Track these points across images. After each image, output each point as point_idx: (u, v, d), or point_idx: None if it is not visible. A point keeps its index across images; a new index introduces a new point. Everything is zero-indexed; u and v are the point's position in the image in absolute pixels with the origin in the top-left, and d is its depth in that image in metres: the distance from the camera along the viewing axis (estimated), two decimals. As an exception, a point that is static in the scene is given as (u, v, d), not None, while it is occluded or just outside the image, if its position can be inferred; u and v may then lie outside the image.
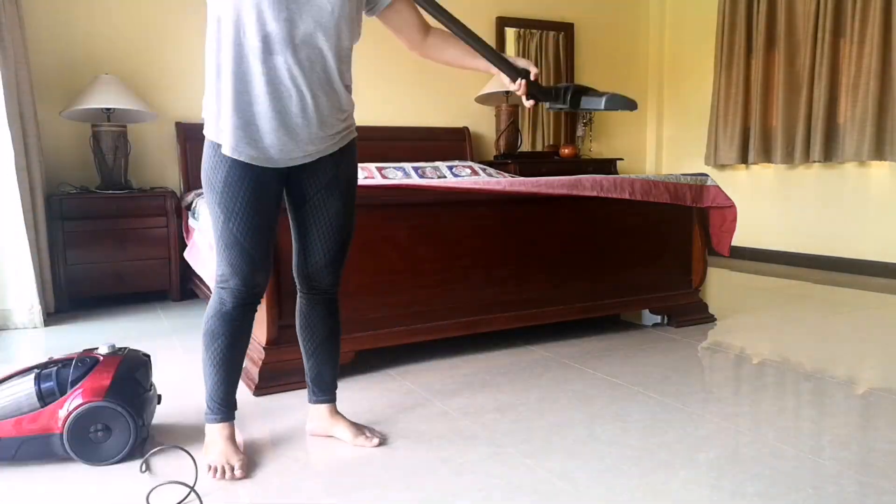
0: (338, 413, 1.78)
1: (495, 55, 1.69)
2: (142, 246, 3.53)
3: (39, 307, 3.10)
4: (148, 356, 1.79)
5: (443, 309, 2.41)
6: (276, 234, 1.64)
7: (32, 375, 1.63)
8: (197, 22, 3.98)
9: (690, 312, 2.94)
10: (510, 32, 4.93)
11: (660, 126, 5.62)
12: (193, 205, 3.48)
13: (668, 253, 2.90)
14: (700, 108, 5.23)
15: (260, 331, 2.16)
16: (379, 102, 4.52)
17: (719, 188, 2.85)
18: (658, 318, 2.98)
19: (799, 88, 4.43)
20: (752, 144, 4.72)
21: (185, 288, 3.68)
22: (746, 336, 2.76)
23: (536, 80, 1.74)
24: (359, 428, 1.74)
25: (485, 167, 3.93)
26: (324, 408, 1.77)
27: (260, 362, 2.11)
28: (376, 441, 1.71)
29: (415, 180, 3.28)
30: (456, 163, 3.91)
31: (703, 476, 1.50)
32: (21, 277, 3.04)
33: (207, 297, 3.18)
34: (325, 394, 1.77)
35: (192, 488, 1.42)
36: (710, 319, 2.98)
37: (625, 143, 5.52)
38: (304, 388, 2.11)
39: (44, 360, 1.73)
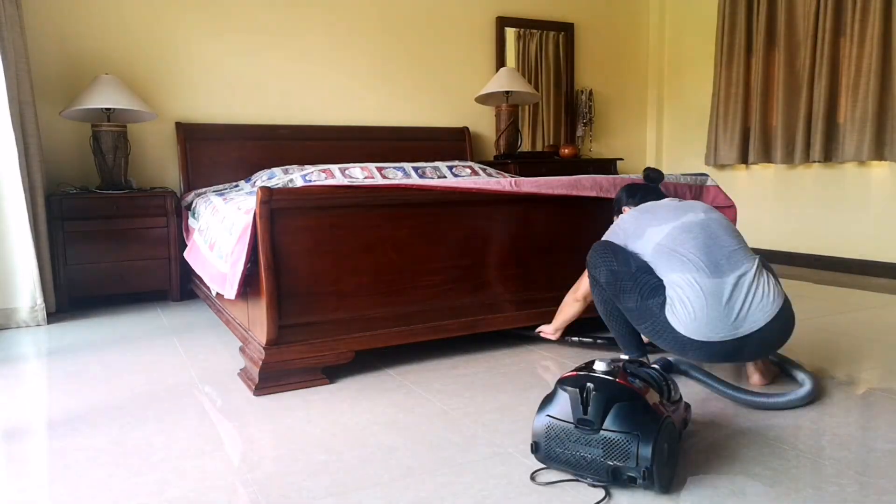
0: None
1: None
2: (142, 246, 3.53)
3: (43, 305, 3.11)
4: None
5: (443, 309, 2.41)
6: None
7: None
8: (197, 22, 3.98)
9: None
10: (510, 32, 4.93)
11: (660, 126, 5.62)
12: (193, 205, 3.48)
13: (668, 253, 2.89)
14: (700, 108, 5.23)
15: (260, 331, 2.17)
16: (379, 102, 4.52)
17: (719, 188, 2.85)
18: (658, 318, 2.97)
19: (799, 88, 4.43)
20: (752, 144, 4.73)
21: (185, 288, 3.68)
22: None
23: None
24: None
25: (485, 167, 3.93)
26: None
27: (260, 362, 2.11)
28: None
29: (415, 180, 3.28)
30: (456, 163, 3.91)
31: (702, 476, 1.50)
32: (25, 276, 3.05)
33: (207, 297, 3.19)
34: None
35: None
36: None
37: (625, 143, 5.53)
38: (305, 387, 2.14)
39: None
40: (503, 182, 2.49)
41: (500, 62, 4.87)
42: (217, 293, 2.53)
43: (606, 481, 1.41)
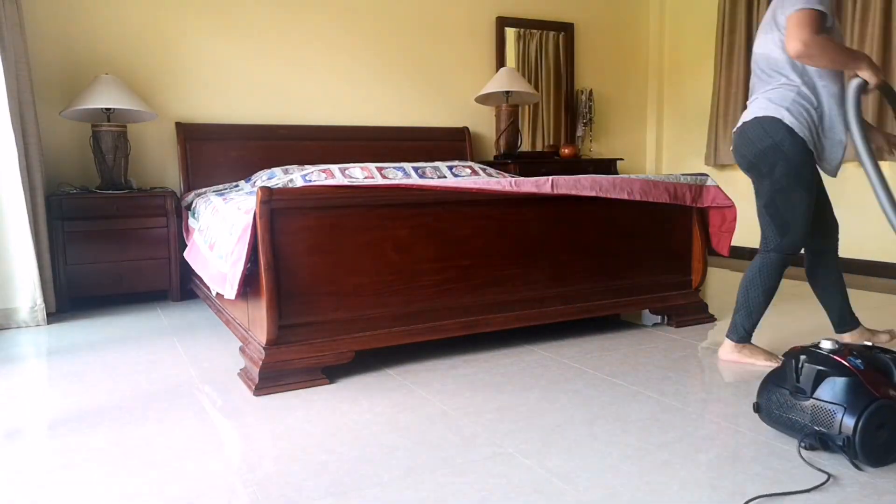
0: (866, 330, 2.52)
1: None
2: (142, 246, 3.53)
3: (43, 305, 3.11)
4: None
5: (443, 309, 2.41)
6: None
7: None
8: (197, 22, 3.98)
9: (690, 312, 2.94)
10: (510, 32, 4.93)
11: (660, 126, 5.62)
12: (193, 205, 3.48)
13: (668, 253, 2.90)
14: (700, 108, 5.23)
15: (260, 331, 2.17)
16: (379, 102, 4.52)
17: (719, 188, 2.86)
18: (658, 318, 2.98)
19: (799, 88, 4.43)
20: (752, 144, 4.72)
21: (185, 288, 3.68)
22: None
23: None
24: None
25: (485, 167, 3.93)
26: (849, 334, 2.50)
27: (260, 362, 2.12)
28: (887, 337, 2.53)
29: (415, 180, 3.28)
30: (456, 163, 3.91)
31: (703, 476, 1.50)
32: (25, 276, 3.05)
33: (207, 297, 3.19)
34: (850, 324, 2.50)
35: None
36: (710, 319, 2.98)
37: (625, 143, 5.53)
38: (305, 387, 2.14)
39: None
40: (503, 182, 2.49)
41: (500, 62, 4.87)
42: (217, 293, 2.53)
43: (815, 444, 1.57)
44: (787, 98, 2.19)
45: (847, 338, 2.50)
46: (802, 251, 2.38)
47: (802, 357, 1.60)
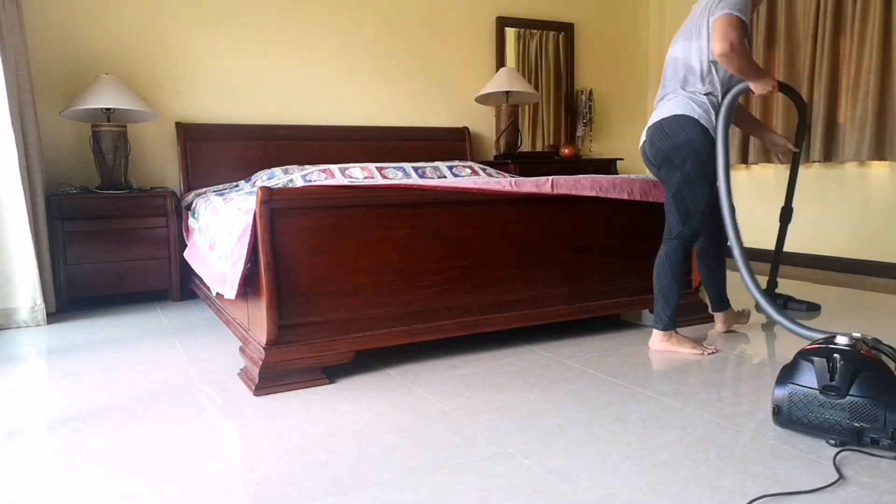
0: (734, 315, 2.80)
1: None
2: (142, 246, 3.53)
3: (43, 305, 3.11)
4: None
5: (443, 309, 2.41)
6: None
7: None
8: (197, 22, 3.98)
9: (690, 312, 2.94)
10: (510, 32, 4.93)
11: (660, 126, 5.62)
12: (193, 205, 3.48)
13: (668, 253, 2.90)
14: (700, 108, 5.23)
15: (260, 331, 2.17)
16: (379, 102, 4.52)
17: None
18: (658, 318, 2.97)
19: (799, 88, 4.43)
20: (753, 144, 4.73)
21: (185, 288, 3.68)
22: (746, 336, 2.76)
23: None
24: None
25: (485, 167, 3.93)
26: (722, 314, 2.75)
27: (260, 362, 2.12)
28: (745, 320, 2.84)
29: (415, 180, 3.28)
30: (456, 163, 3.91)
31: (703, 476, 1.50)
32: (25, 276, 3.05)
33: (207, 297, 3.19)
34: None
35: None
36: (710, 319, 2.98)
37: (625, 143, 5.53)
38: (305, 387, 2.14)
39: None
40: (503, 182, 2.49)
41: (500, 62, 4.87)
42: (217, 293, 2.53)
43: (849, 440, 1.59)
44: (700, 100, 2.36)
45: (720, 316, 2.76)
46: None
47: (836, 356, 1.60)
